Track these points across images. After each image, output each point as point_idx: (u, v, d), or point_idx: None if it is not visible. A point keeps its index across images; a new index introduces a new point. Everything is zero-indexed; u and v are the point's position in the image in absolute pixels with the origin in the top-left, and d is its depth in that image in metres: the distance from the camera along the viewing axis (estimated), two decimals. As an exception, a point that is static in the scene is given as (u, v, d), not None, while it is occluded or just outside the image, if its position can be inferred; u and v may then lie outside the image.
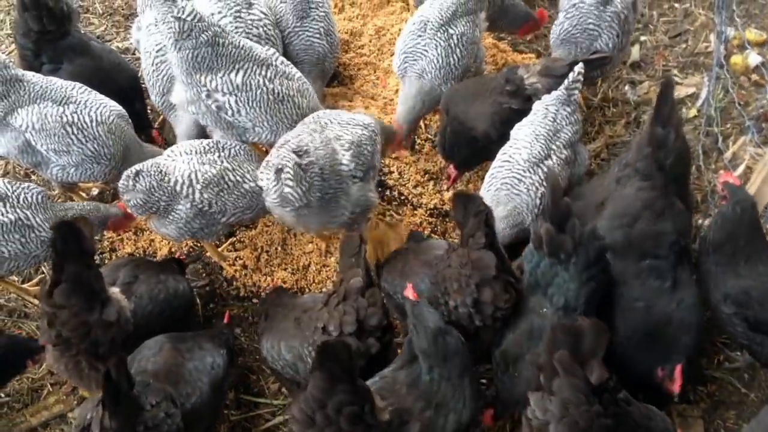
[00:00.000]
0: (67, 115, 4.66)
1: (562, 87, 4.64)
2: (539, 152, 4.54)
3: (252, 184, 4.58)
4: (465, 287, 3.88)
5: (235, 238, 5.36)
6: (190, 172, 4.47)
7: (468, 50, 5.31)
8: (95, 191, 5.55)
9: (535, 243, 3.87)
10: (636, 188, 4.23)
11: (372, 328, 3.77)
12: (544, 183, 4.40)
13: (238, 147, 4.71)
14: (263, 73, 4.62)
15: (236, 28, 5.11)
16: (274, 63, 4.70)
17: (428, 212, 5.45)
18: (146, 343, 4.09)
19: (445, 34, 5.25)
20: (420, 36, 5.32)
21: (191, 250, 5.34)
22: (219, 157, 4.61)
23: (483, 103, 5.01)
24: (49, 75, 5.12)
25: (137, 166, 4.47)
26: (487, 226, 3.86)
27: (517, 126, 4.74)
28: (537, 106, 4.74)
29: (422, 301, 3.75)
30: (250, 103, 4.61)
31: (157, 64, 5.00)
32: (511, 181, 4.58)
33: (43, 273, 5.23)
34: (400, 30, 5.98)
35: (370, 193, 4.66)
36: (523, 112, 4.88)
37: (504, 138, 4.83)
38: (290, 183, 4.17)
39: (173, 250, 5.31)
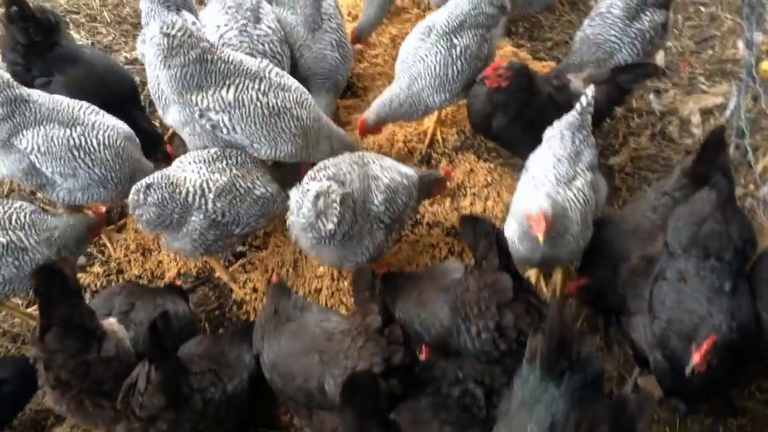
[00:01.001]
0: (74, 138, 4.50)
1: (574, 112, 4.41)
2: (566, 173, 4.31)
3: (263, 190, 4.50)
4: (486, 311, 3.71)
5: (245, 259, 5.20)
6: (202, 182, 4.35)
7: (470, 65, 5.12)
8: (102, 209, 5.37)
9: (528, 356, 3.40)
10: (705, 193, 3.95)
11: (396, 367, 3.57)
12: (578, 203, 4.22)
13: (244, 154, 4.59)
14: (256, 86, 4.43)
15: (241, 42, 4.94)
16: (267, 75, 4.51)
17: (445, 231, 5.26)
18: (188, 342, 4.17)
19: (449, 42, 5.06)
20: (422, 40, 5.14)
21: (200, 271, 5.18)
22: (227, 164, 4.49)
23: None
24: (41, 88, 4.93)
25: (147, 179, 4.34)
26: (499, 247, 3.67)
27: (532, 157, 4.52)
28: (549, 133, 4.51)
29: None
30: (245, 120, 4.43)
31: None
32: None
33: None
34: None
35: (387, 242, 4.55)
36: (558, 106, 4.73)
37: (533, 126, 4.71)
38: (328, 212, 4.10)
39: (182, 271, 5.15)
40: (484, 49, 5.17)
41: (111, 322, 3.94)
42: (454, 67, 5.06)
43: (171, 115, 4.56)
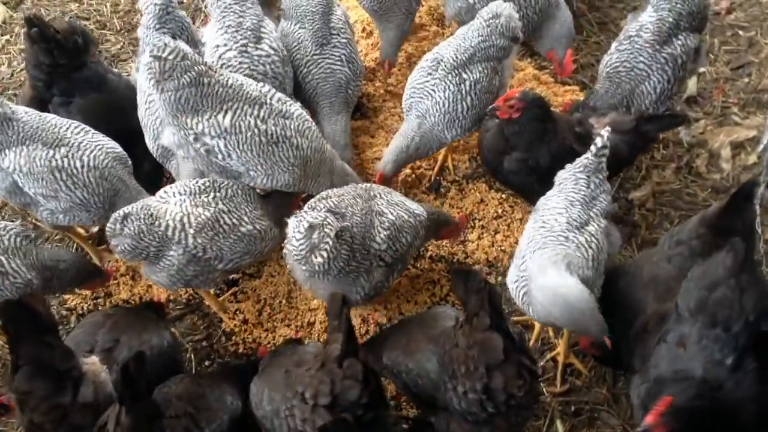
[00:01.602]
0: (56, 159, 4.32)
1: (590, 154, 4.12)
2: (578, 217, 4.00)
3: (250, 227, 4.25)
4: (474, 371, 3.45)
5: (237, 288, 4.97)
6: (182, 216, 4.13)
7: (480, 100, 4.84)
8: (95, 229, 5.20)
9: None
10: (721, 256, 3.57)
11: (348, 404, 3.32)
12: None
13: (235, 187, 4.36)
14: (255, 113, 4.20)
15: (240, 63, 4.71)
16: (268, 101, 4.27)
17: (447, 267, 4.97)
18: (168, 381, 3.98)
19: (458, 78, 4.80)
20: (430, 74, 4.87)
21: (191, 297, 4.97)
22: (214, 198, 4.26)
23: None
24: (59, 108, 4.87)
25: (126, 209, 4.14)
26: (491, 305, 3.40)
27: (542, 200, 4.22)
28: (562, 175, 4.22)
29: None
30: (241, 147, 4.20)
31: (151, 103, 4.60)
32: (555, 241, 4.00)
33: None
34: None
35: (387, 282, 4.30)
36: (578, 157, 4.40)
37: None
38: (321, 246, 3.87)
39: (172, 297, 4.94)
40: (495, 81, 4.89)
41: (93, 362, 3.73)
42: (464, 103, 4.79)
43: (165, 137, 4.34)
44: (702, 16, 5.11)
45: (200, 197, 4.23)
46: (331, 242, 3.87)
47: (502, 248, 5.05)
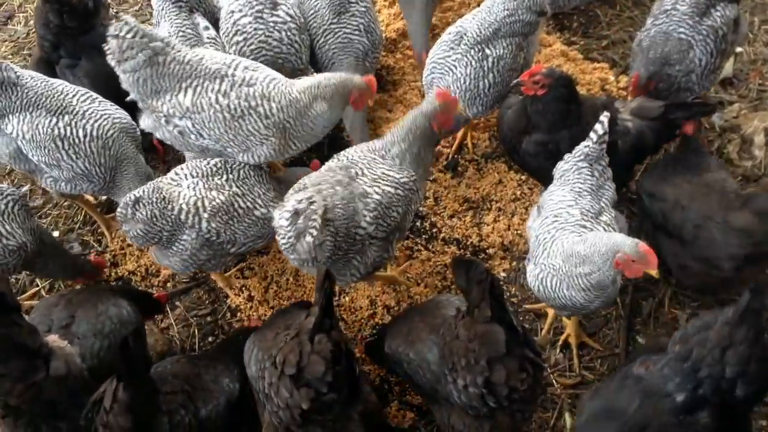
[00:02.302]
0: (59, 128, 4.22)
1: (591, 142, 3.93)
2: (591, 207, 3.83)
3: (264, 210, 4.07)
4: (474, 365, 3.31)
5: (244, 264, 4.87)
6: (196, 200, 3.97)
7: (503, 77, 4.65)
8: (104, 197, 5.11)
9: None
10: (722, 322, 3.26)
11: (312, 379, 3.21)
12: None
13: (247, 168, 4.17)
14: (216, 87, 3.93)
15: (255, 30, 4.58)
16: (230, 73, 3.97)
17: (461, 249, 4.82)
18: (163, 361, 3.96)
19: (481, 53, 4.59)
20: (452, 49, 4.66)
21: (196, 271, 4.86)
22: (227, 180, 4.08)
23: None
24: (66, 70, 4.79)
25: (137, 193, 3.99)
26: (493, 297, 3.25)
27: (545, 195, 4.05)
28: (562, 166, 4.04)
29: None
30: (208, 125, 3.98)
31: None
32: (572, 233, 3.79)
33: (37, 286, 4.86)
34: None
35: (387, 253, 4.08)
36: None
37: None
38: (308, 232, 3.63)
39: (177, 270, 4.85)
40: (519, 59, 4.68)
41: (53, 339, 3.61)
42: (486, 80, 4.61)
43: (143, 121, 4.19)
44: None
45: (213, 179, 4.06)
46: (317, 225, 3.60)
47: (518, 232, 4.88)
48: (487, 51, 4.59)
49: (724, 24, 4.72)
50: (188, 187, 4.01)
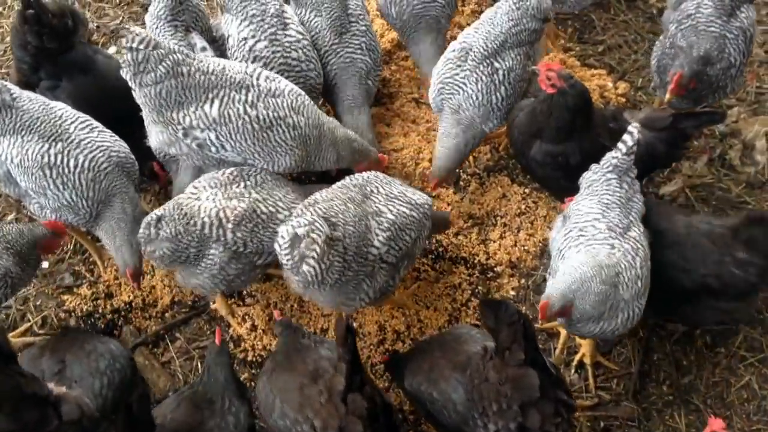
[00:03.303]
0: (49, 155, 4.03)
1: (618, 153, 3.82)
2: (619, 222, 3.72)
3: (287, 213, 3.98)
4: (507, 409, 3.21)
5: (245, 291, 4.68)
6: (218, 210, 3.85)
7: (516, 88, 4.54)
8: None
9: None
10: None
11: None
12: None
13: (263, 173, 4.11)
14: (242, 98, 3.94)
15: (273, 53, 4.49)
16: (255, 83, 4.00)
17: (468, 269, 4.69)
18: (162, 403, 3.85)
19: (490, 67, 4.46)
20: (459, 66, 4.53)
21: (196, 299, 4.69)
22: (246, 187, 4.01)
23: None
24: (46, 92, 4.54)
25: (158, 211, 3.87)
26: (526, 339, 3.14)
27: (572, 205, 3.92)
28: (590, 176, 3.92)
29: None
30: (234, 136, 3.97)
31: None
32: (595, 249, 3.68)
33: (29, 320, 4.64)
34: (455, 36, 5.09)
35: (393, 281, 3.99)
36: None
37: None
38: (309, 258, 3.52)
39: (176, 299, 4.66)
40: (528, 67, 4.55)
41: (52, 386, 3.43)
42: (498, 94, 4.49)
43: (153, 137, 4.09)
44: None
45: (231, 188, 3.97)
46: (318, 250, 3.52)
47: (526, 248, 4.77)
48: (496, 64, 4.47)
49: (750, 25, 4.66)
50: (207, 199, 3.90)
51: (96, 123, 4.26)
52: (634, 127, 3.85)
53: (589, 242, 3.70)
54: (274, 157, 4.08)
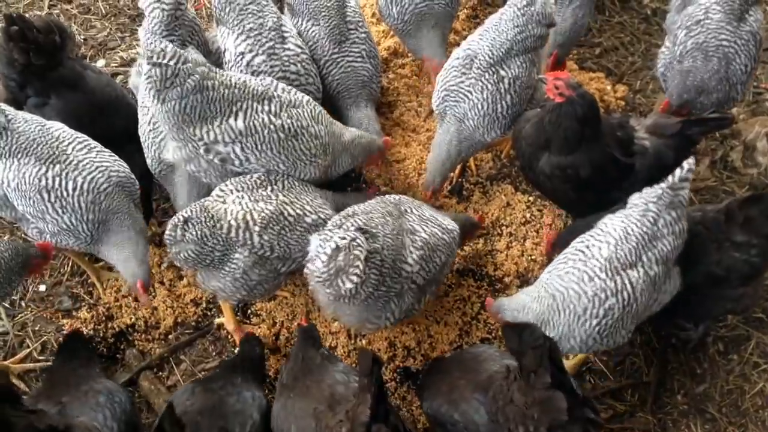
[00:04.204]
0: (47, 178, 3.89)
1: (665, 185, 3.68)
2: (625, 256, 3.62)
3: (314, 216, 3.95)
4: None
5: (250, 310, 4.59)
6: (245, 213, 3.78)
7: (521, 96, 4.45)
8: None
9: None
10: None
11: None
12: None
13: (290, 178, 4.07)
14: (267, 108, 3.92)
15: (272, 68, 4.38)
16: (275, 93, 3.99)
17: (477, 281, 4.63)
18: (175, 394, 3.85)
19: (495, 75, 4.38)
20: (464, 74, 4.45)
21: (200, 319, 4.58)
22: (273, 191, 3.96)
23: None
24: (34, 109, 4.38)
25: (185, 213, 3.77)
26: (552, 363, 3.07)
27: (609, 216, 3.83)
28: (635, 200, 3.77)
29: None
30: (260, 147, 3.93)
31: (154, 123, 4.16)
32: (579, 274, 3.66)
33: (28, 346, 4.50)
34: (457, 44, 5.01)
35: (419, 304, 3.95)
36: (619, 166, 4.15)
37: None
38: (349, 268, 3.48)
39: (179, 320, 4.55)
40: (533, 74, 4.49)
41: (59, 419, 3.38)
42: (503, 102, 4.40)
43: (171, 153, 3.99)
44: None
45: (258, 191, 3.92)
46: (361, 265, 3.49)
47: (532, 257, 4.71)
48: (502, 72, 4.39)
49: (760, 28, 4.61)
50: (234, 202, 3.84)
51: (94, 143, 4.13)
52: (690, 162, 3.68)
53: (580, 262, 3.67)
54: (298, 167, 4.06)
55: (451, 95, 4.46)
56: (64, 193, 3.92)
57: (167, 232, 3.78)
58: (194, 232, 3.73)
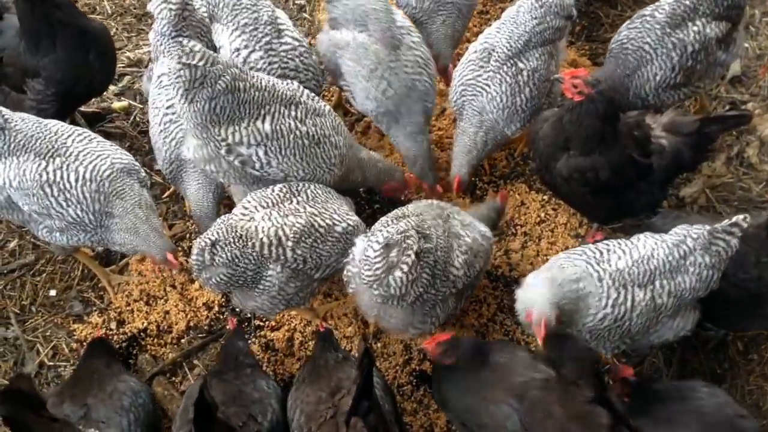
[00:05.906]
0: (48, 173, 3.86)
1: (705, 232, 3.61)
2: (640, 274, 3.56)
3: (344, 225, 3.90)
4: None
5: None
6: (276, 229, 3.71)
7: (540, 89, 4.40)
8: (100, 247, 4.71)
9: None
10: None
11: None
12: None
13: (313, 186, 4.02)
14: (293, 114, 3.90)
15: (270, 64, 4.29)
16: (302, 100, 3.96)
17: (493, 282, 4.57)
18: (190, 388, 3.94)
19: (514, 68, 4.32)
20: (482, 67, 4.40)
21: (212, 322, 4.53)
22: (299, 203, 3.89)
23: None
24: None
25: (211, 236, 3.69)
26: (596, 377, 3.02)
27: (644, 235, 3.77)
28: (680, 231, 3.70)
29: None
30: (283, 152, 3.90)
31: (166, 124, 4.13)
32: (588, 274, 3.62)
33: (39, 351, 4.46)
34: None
35: (456, 309, 3.99)
36: (638, 167, 4.08)
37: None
38: (402, 264, 3.46)
39: (192, 324, 4.50)
40: (552, 66, 4.45)
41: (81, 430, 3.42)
42: (522, 95, 4.37)
43: (192, 151, 3.94)
44: (731, 4, 4.51)
45: (285, 205, 3.86)
46: (411, 260, 3.46)
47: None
48: (521, 65, 4.35)
49: (698, 42, 4.46)
50: (263, 219, 3.76)
51: (94, 134, 4.12)
52: (740, 219, 3.60)
53: (593, 261, 3.64)
54: (317, 174, 4.05)
55: (468, 89, 4.42)
56: (67, 185, 3.89)
57: (194, 257, 3.70)
58: (224, 255, 3.66)
